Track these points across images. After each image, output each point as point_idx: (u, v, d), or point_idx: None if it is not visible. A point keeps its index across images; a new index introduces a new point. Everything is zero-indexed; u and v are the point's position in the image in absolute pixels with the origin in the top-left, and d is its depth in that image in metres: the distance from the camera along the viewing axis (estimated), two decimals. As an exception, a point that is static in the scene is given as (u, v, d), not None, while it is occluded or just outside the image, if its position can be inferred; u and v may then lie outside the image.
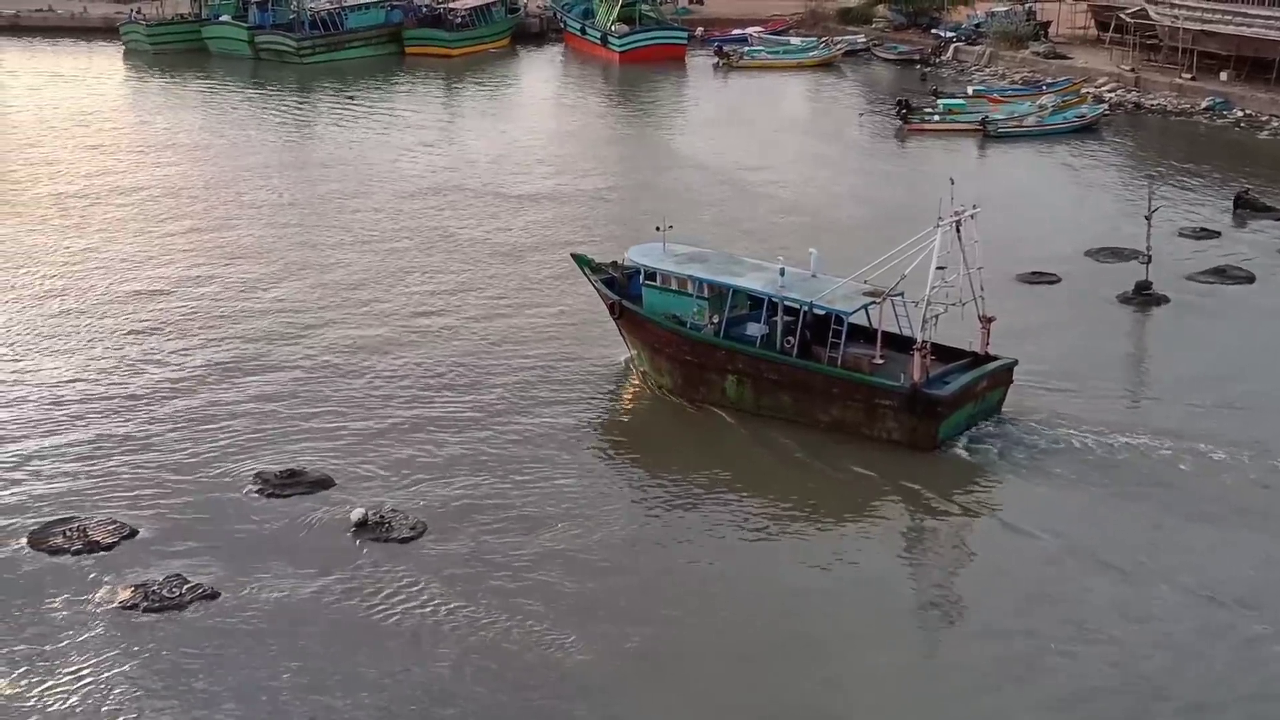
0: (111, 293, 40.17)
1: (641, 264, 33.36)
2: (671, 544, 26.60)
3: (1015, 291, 40.27)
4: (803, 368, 30.87)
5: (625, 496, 28.42)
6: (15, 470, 28.95)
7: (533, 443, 30.48)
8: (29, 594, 24.36)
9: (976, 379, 30.50)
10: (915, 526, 27.60)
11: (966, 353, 31.23)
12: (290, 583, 24.74)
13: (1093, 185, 54.47)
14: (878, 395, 30.14)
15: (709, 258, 33.68)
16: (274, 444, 30.24)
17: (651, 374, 33.47)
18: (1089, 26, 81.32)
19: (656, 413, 32.78)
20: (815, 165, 57.42)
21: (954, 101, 65.73)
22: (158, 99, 73.74)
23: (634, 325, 33.41)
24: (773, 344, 31.28)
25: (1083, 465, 29.22)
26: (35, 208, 49.87)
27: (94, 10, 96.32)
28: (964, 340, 31.36)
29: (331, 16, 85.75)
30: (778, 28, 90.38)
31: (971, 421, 30.57)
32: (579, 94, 77.01)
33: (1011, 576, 25.59)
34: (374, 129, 65.06)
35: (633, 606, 24.25)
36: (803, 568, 25.82)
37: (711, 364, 31.97)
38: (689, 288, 32.40)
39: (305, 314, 38.41)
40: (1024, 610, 24.33)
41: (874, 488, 28.67)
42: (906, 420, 29.85)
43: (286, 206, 50.15)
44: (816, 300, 30.84)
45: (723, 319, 31.85)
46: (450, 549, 25.98)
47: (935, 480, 28.72)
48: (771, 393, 31.33)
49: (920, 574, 26.21)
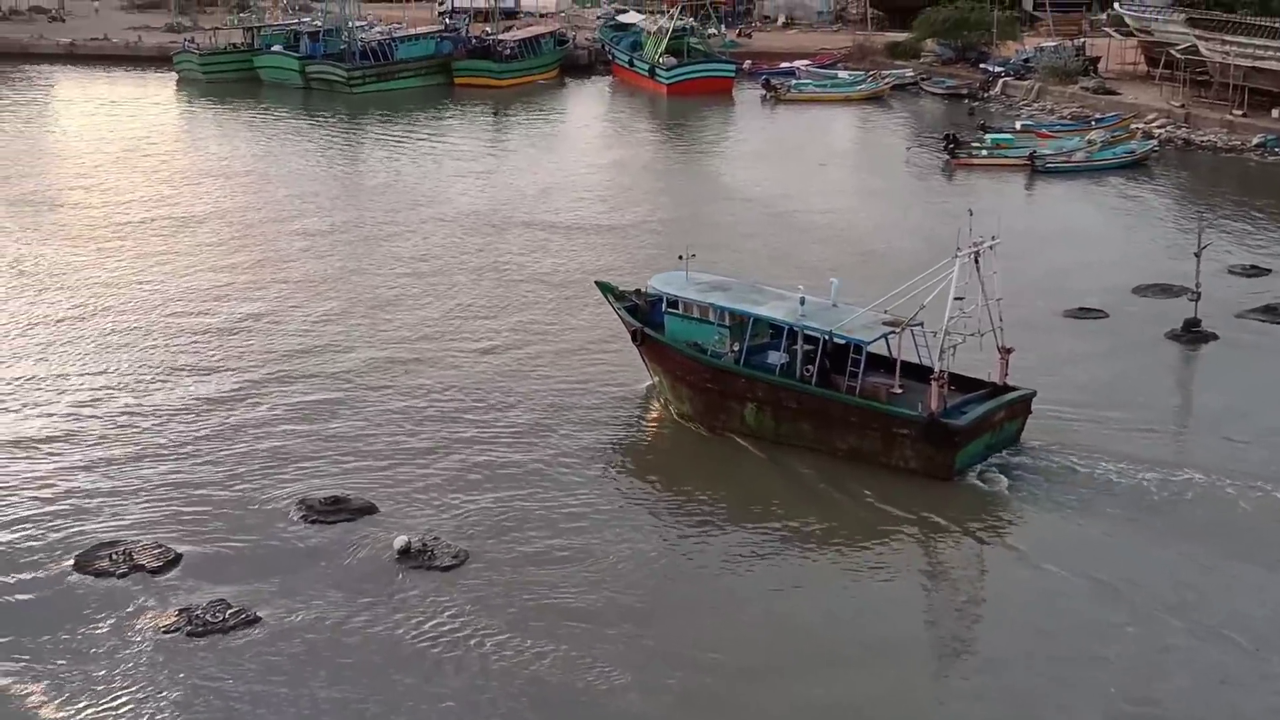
0: (161, 317, 40.57)
1: (664, 292, 33.69)
2: (704, 576, 26.54)
3: (1063, 327, 40.09)
4: (821, 396, 31.01)
5: (655, 526, 28.40)
6: (62, 493, 29.22)
7: (565, 469, 30.60)
8: (74, 616, 24.55)
9: (994, 409, 30.51)
10: (931, 557, 27.50)
11: (985, 383, 31.28)
12: (333, 609, 24.81)
13: (1142, 221, 54.11)
14: (895, 424, 30.23)
15: (730, 286, 33.92)
16: (319, 470, 30.40)
17: (673, 401, 33.67)
18: (1139, 62, 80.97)
19: (679, 440, 32.85)
20: (862, 198, 57.36)
21: (1002, 136, 65.52)
22: (210, 127, 74.63)
23: (656, 352, 33.67)
24: (792, 372, 31.47)
25: (1110, 499, 29.01)
26: (91, 233, 50.47)
27: (148, 39, 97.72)
28: (992, 371, 31.27)
29: (382, 47, 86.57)
30: (825, 61, 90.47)
31: (989, 451, 30.57)
32: (627, 125, 77.32)
33: (1021, 607, 25.50)
34: (423, 158, 65.58)
35: (669, 640, 24.16)
36: (824, 599, 25.80)
37: (732, 391, 32.16)
38: (710, 315, 32.70)
39: (352, 340, 38.64)
40: (1032, 641, 24.23)
41: (891, 517, 28.63)
42: (923, 449, 29.91)
43: (336, 234, 50.55)
44: (836, 329, 31.03)
45: (743, 347, 32.05)
46: (491, 578, 25.99)
47: (951, 510, 28.69)
48: (791, 421, 31.47)
49: (934, 606, 26.08)
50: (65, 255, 47.49)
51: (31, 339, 38.77)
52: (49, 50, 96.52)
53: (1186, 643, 24.21)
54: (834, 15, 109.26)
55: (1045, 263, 46.71)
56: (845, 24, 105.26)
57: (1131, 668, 23.47)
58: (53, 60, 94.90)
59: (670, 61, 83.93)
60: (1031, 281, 43.94)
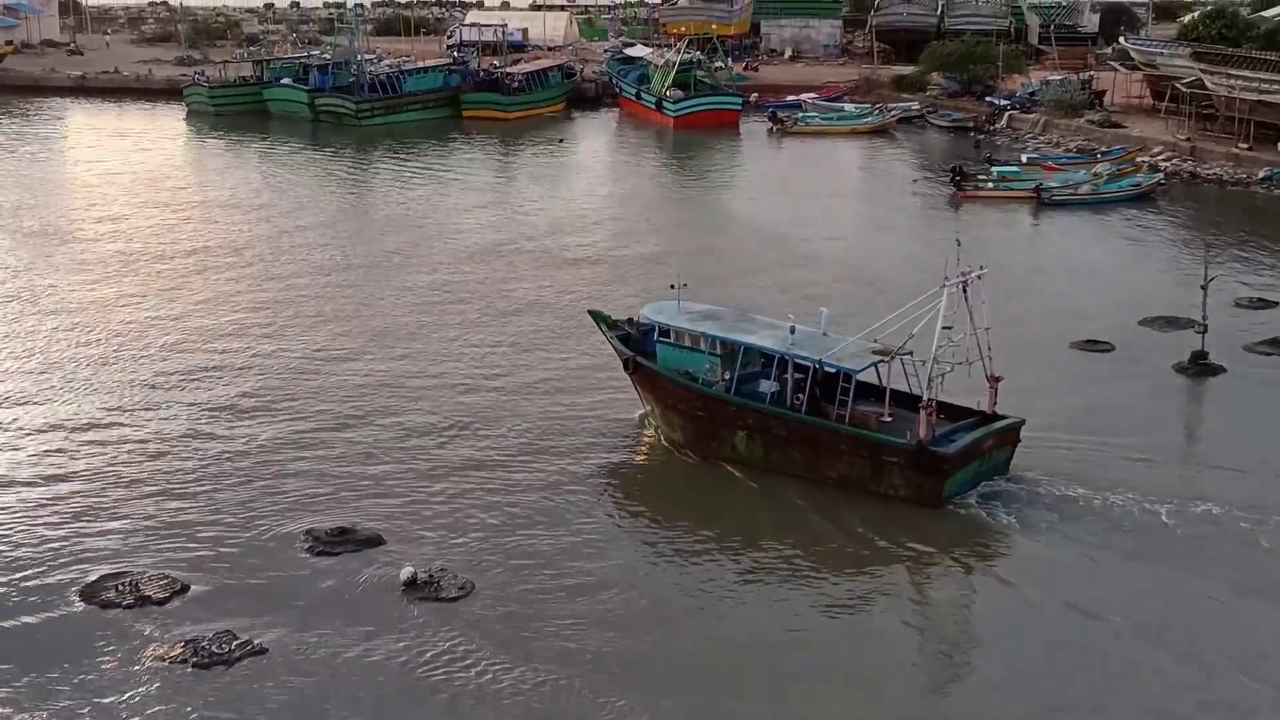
0: (170, 349, 40.68)
1: (656, 321, 33.88)
2: (700, 608, 26.42)
3: (1070, 359, 40.14)
4: (811, 424, 31.14)
5: (654, 557, 28.33)
6: (69, 523, 29.23)
7: (565, 499, 30.60)
8: (80, 647, 24.50)
9: (982, 437, 30.63)
10: (919, 585, 27.48)
11: (974, 411, 31.43)
12: (339, 640, 24.79)
13: (1148, 254, 54.22)
14: (884, 452, 30.31)
15: (722, 315, 34.11)
16: (326, 500, 30.41)
17: (664, 429, 33.86)
18: (1144, 96, 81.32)
19: (672, 468, 32.88)
20: (869, 230, 57.54)
21: (1008, 169, 65.77)
22: (220, 159, 75.04)
23: (647, 381, 33.86)
24: (783, 401, 31.63)
25: (1112, 530, 28.96)
26: (103, 265, 50.69)
27: (159, 72, 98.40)
28: (992, 400, 31.43)
29: (390, 80, 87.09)
30: (832, 94, 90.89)
31: (978, 479, 30.63)
32: (634, 158, 77.63)
33: (1007, 635, 25.55)
34: (432, 190, 65.89)
35: (674, 673, 24.08)
36: (814, 628, 25.79)
37: (722, 419, 32.30)
38: (701, 344, 32.87)
39: (360, 371, 38.72)
40: (1018, 671, 24.27)
41: (881, 545, 28.68)
42: (912, 477, 29.99)
43: (346, 266, 50.75)
44: (825, 358, 31.17)
45: (734, 375, 32.26)
46: (498, 609, 25.95)
47: (940, 538, 28.71)
48: (781, 448, 31.55)
49: (921, 634, 25.97)
50: (77, 287, 47.68)
51: (43, 369, 38.88)
52: (61, 83, 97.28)
53: (1177, 672, 24.17)
54: (840, 49, 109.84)
55: (1052, 295, 46.84)
56: (851, 57, 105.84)
57: (1116, 696, 23.44)
58: (65, 93, 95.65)
59: (677, 94, 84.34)
60: (1038, 313, 44.15)
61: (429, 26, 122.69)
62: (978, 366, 30.90)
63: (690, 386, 32.64)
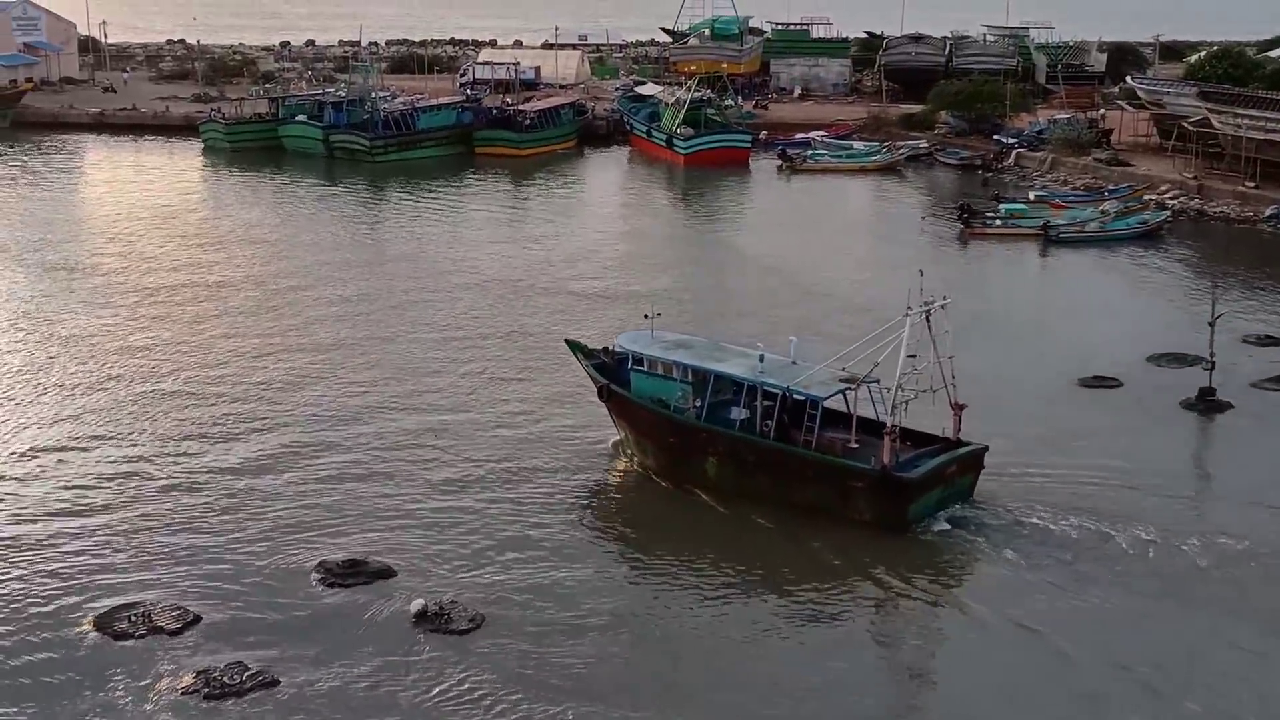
0: (187, 382, 41.02)
1: (629, 350, 34.67)
2: (687, 638, 26.77)
3: (1076, 396, 40.38)
4: (778, 450, 31.80)
5: (637, 587, 28.82)
6: (82, 554, 29.52)
7: (576, 530, 31.23)
8: (93, 677, 24.76)
9: (946, 463, 31.28)
10: (882, 609, 28.02)
11: (939, 438, 32.02)
12: (351, 672, 25.00)
13: (1155, 291, 54.46)
14: (849, 477, 30.97)
15: (694, 344, 35.05)
16: (337, 533, 30.68)
17: (637, 455, 34.56)
18: (1151, 134, 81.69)
19: (648, 495, 33.50)
20: (877, 267, 57.82)
21: (1016, 206, 66.08)
22: (236, 195, 75.61)
23: (621, 408, 34.60)
24: (753, 428, 32.26)
25: (1069, 555, 29.60)
26: (121, 299, 51.03)
27: (175, 109, 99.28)
28: (957, 427, 32.06)
29: (404, 117, 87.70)
30: (841, 132, 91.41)
31: (942, 504, 31.23)
32: (645, 195, 78.13)
33: (966, 660, 26.17)
34: (445, 226, 66.33)
35: (669, 702, 24.33)
36: (787, 657, 26.24)
37: (694, 446, 32.97)
38: (674, 373, 33.57)
39: (373, 405, 39.01)
40: (974, 693, 24.84)
41: (845, 568, 29.33)
42: (877, 501, 30.62)
43: (361, 301, 51.09)
44: (793, 385, 31.83)
45: (704, 403, 32.87)
46: (507, 643, 26.16)
47: (903, 561, 29.37)
48: (750, 474, 32.20)
49: (883, 657, 26.55)
50: (95, 321, 48.08)
51: (59, 401, 39.25)
52: (79, 120, 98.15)
53: (1135, 697, 24.61)
54: (849, 87, 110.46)
55: (1059, 332, 47.08)
56: (860, 96, 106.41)
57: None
58: (83, 129, 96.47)
59: (688, 132, 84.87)
60: (1046, 350, 44.41)
61: (442, 65, 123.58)
62: (944, 395, 31.53)
63: (662, 413, 33.33)
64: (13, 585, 28.08)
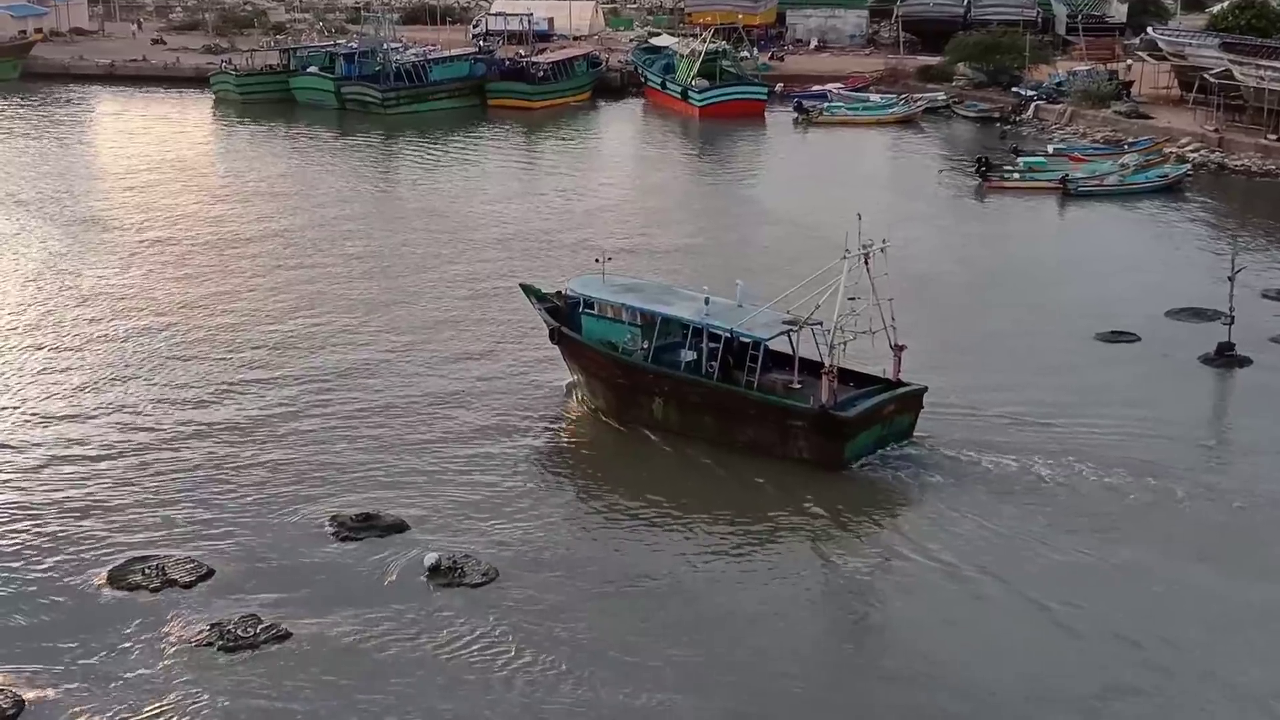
0: (202, 336, 40.93)
1: (580, 293, 35.34)
2: (696, 584, 26.78)
3: (1094, 350, 40.08)
4: (722, 390, 32.60)
5: (623, 534, 28.84)
6: (96, 507, 29.53)
7: (585, 483, 31.48)
8: (107, 630, 24.79)
9: (883, 402, 32.02)
10: (817, 544, 28.69)
11: (880, 379, 32.68)
12: (363, 626, 24.96)
13: (1175, 245, 53.94)
14: (789, 416, 31.75)
15: (643, 288, 35.97)
16: (351, 486, 30.63)
17: (588, 397, 35.25)
18: (1172, 87, 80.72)
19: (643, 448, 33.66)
20: (894, 221, 57.06)
21: (1034, 159, 65.42)
22: (248, 148, 75.22)
23: (572, 350, 35.37)
24: (699, 369, 32.93)
25: (1012, 495, 30.41)
26: (137, 253, 50.79)
27: (186, 60, 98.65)
28: (897, 368, 32.73)
29: (416, 69, 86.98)
30: (858, 84, 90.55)
31: (881, 443, 31.93)
32: (659, 148, 77.58)
33: (889, 592, 26.95)
34: (457, 180, 65.89)
35: (696, 665, 24.28)
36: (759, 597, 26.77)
37: (641, 387, 33.79)
38: (623, 315, 34.32)
39: (387, 358, 38.91)
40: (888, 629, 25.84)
41: (783, 503, 30.15)
42: (815, 440, 31.39)
43: (372, 256, 50.80)
44: (737, 327, 32.51)
45: (652, 345, 33.54)
46: (520, 595, 26.14)
47: (839, 498, 30.22)
48: (694, 414, 33.02)
49: (816, 596, 27.08)
50: (110, 273, 47.97)
51: (76, 355, 39.23)
52: (89, 70, 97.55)
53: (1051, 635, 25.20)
54: (866, 39, 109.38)
55: (1077, 286, 46.68)
56: (877, 48, 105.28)
57: (995, 649, 24.79)
58: (93, 80, 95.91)
59: (703, 84, 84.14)
60: (1063, 304, 44.05)
61: (455, 15, 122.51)
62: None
63: (610, 355, 34.06)
64: (27, 538, 28.11)
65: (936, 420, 33.42)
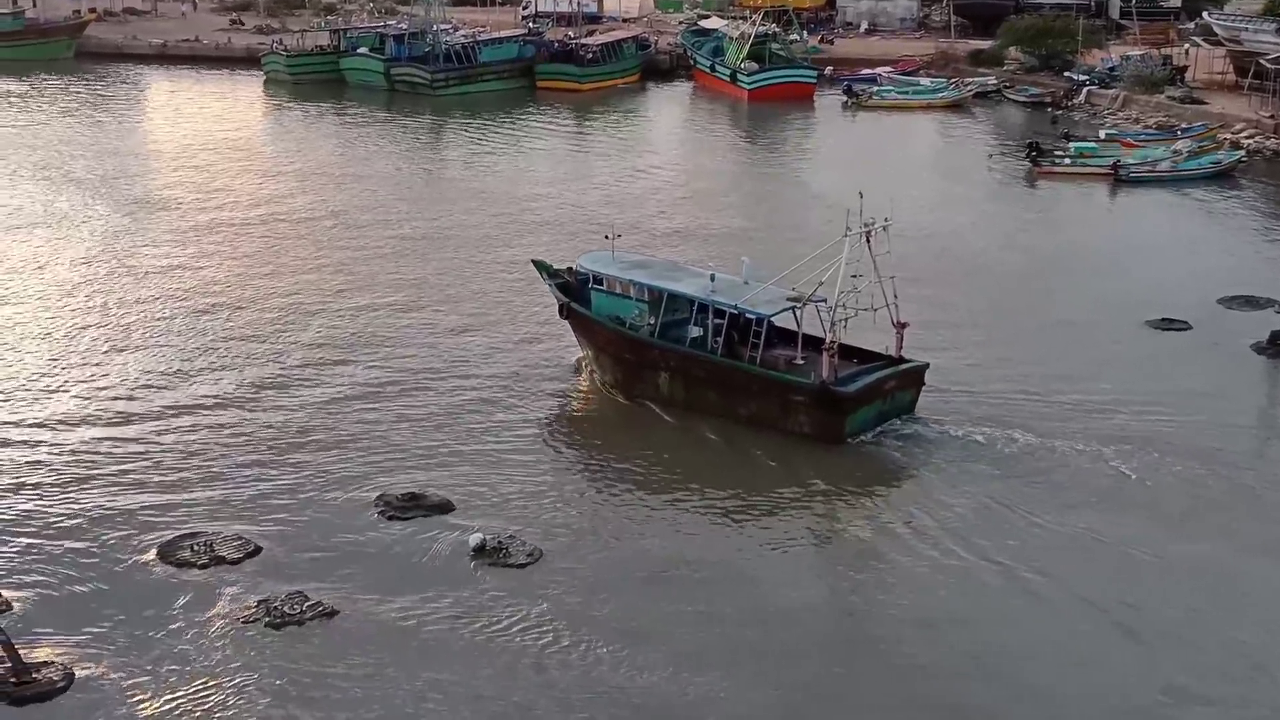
0: (252, 316, 41.21)
1: (590, 270, 35.82)
2: (744, 572, 26.78)
3: (1144, 337, 39.73)
4: (726, 365, 33.02)
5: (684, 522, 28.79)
6: (146, 485, 29.84)
7: (631, 466, 31.32)
8: (157, 605, 25.06)
9: (884, 378, 32.42)
10: (816, 517, 29.06)
11: (883, 356, 33.10)
12: (408, 604, 25.12)
13: (1227, 232, 53.36)
14: (790, 391, 32.22)
15: (651, 265, 36.57)
16: (398, 466, 30.80)
17: (597, 371, 35.75)
18: (1227, 72, 79.74)
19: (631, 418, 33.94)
20: (944, 206, 56.93)
21: (1086, 145, 64.86)
22: (298, 128, 75.65)
23: (581, 326, 35.88)
24: (704, 344, 33.44)
25: (1015, 470, 30.66)
26: (194, 231, 51.23)
27: (237, 41, 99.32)
28: (899, 344, 33.06)
29: (465, 50, 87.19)
30: (908, 68, 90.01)
31: (882, 418, 32.34)
32: (708, 131, 77.42)
33: (884, 563, 27.22)
34: (506, 162, 65.96)
35: (737, 650, 24.28)
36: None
37: (647, 362, 34.32)
38: (631, 291, 34.77)
39: (434, 340, 39.07)
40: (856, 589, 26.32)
41: (784, 478, 30.49)
42: (816, 415, 31.84)
43: (423, 238, 50.90)
44: (741, 303, 32.92)
45: (658, 320, 33.96)
46: (565, 577, 26.21)
47: (837, 473, 30.62)
48: (699, 389, 33.55)
49: (811, 566, 27.56)
50: (166, 252, 48.34)
51: (130, 333, 39.60)
52: (142, 51, 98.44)
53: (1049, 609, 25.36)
54: (917, 22, 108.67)
55: (1128, 273, 46.28)
56: (928, 31, 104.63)
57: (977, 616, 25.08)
58: (145, 60, 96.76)
59: (752, 67, 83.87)
60: (1114, 292, 43.68)
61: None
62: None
63: (618, 330, 34.57)
64: (79, 513, 28.45)
65: (965, 399, 33.91)
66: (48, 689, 22.47)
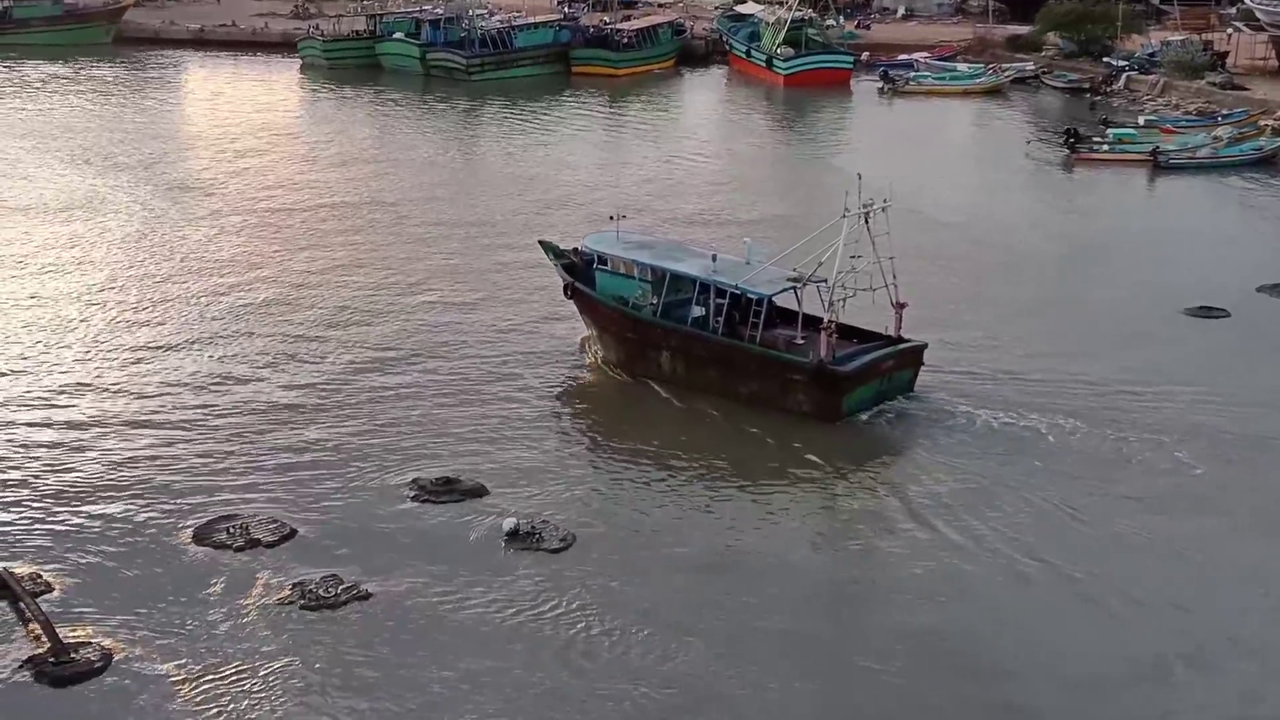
0: (290, 299, 41.41)
1: (595, 250, 36.21)
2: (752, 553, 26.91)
3: (1183, 325, 39.47)
4: (726, 344, 33.46)
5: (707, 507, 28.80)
6: (183, 467, 30.05)
7: (657, 452, 31.47)
8: (193, 586, 25.26)
9: (882, 358, 32.77)
10: (813, 494, 29.53)
11: (882, 336, 33.40)
12: (443, 588, 25.23)
13: (1268, 220, 52.89)
14: (789, 370, 32.65)
15: (655, 245, 36.93)
16: (431, 450, 30.92)
17: (601, 350, 36.22)
18: (1269, 58, 78.95)
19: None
20: (981, 192, 56.64)
21: (1124, 131, 64.35)
22: (335, 113, 75.80)
23: (585, 305, 36.36)
24: (706, 324, 33.81)
25: (1009, 450, 30.98)
26: (232, 217, 51.34)
27: (274, 26, 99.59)
28: (898, 324, 33.34)
29: (501, 35, 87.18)
30: (945, 54, 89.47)
31: (880, 397, 32.77)
32: (744, 116, 77.21)
33: (874, 536, 27.68)
34: (542, 148, 65.85)
35: (766, 641, 24.30)
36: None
37: (649, 341, 34.69)
38: (634, 271, 35.21)
39: (469, 325, 39.16)
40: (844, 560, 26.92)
41: (778, 455, 31.01)
42: (814, 394, 32.32)
43: (460, 223, 50.82)
44: (741, 283, 33.35)
45: (661, 300, 34.14)
46: (598, 563, 26.28)
47: (834, 450, 30.99)
48: (700, 367, 33.86)
49: (807, 541, 27.80)
50: (205, 237, 48.51)
51: (169, 316, 39.84)
52: (179, 36, 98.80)
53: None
54: (954, 7, 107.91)
55: (1167, 260, 45.96)
56: (965, 16, 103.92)
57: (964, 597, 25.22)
58: (182, 45, 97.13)
59: (788, 52, 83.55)
60: (1152, 278, 43.39)
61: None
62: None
63: (621, 309, 34.99)
64: (117, 495, 28.69)
65: (1000, 385, 34.14)
66: (85, 669, 22.69)
